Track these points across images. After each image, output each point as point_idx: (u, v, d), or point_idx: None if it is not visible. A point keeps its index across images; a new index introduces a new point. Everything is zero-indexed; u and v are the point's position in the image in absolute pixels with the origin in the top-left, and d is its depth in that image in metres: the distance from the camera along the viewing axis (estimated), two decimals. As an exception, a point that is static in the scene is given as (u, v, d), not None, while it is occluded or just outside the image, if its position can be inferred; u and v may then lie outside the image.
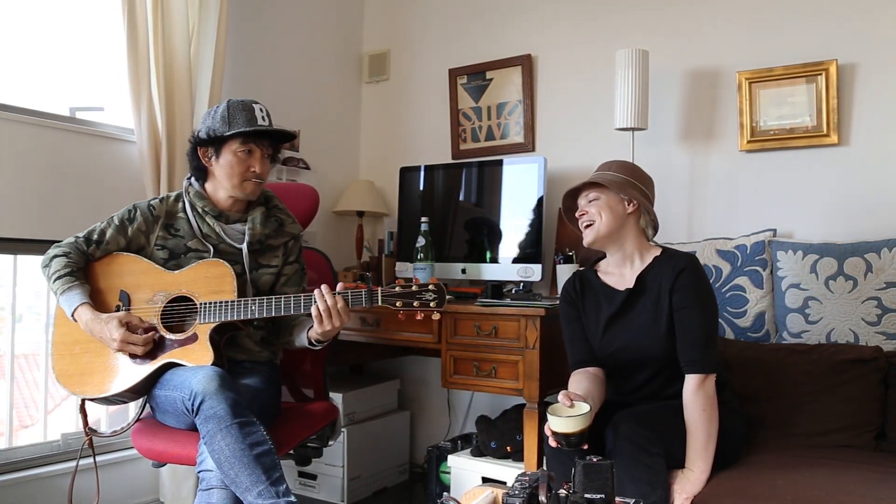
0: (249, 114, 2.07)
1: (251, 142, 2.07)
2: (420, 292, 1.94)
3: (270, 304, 1.96)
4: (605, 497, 1.40)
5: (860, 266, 2.29)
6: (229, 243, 2.11)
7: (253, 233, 2.12)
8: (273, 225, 2.20)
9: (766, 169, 2.71)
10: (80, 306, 1.95)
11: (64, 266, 1.97)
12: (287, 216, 2.26)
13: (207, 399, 1.77)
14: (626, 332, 2.00)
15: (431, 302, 1.94)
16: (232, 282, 2.00)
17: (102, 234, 2.06)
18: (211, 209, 2.11)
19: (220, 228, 2.11)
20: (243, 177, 2.08)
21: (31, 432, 2.78)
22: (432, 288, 1.95)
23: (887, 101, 2.49)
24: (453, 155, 3.44)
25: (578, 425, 1.70)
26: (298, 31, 3.46)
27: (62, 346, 2.03)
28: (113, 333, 1.91)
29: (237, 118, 2.06)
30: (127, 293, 2.04)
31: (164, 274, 2.05)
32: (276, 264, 2.18)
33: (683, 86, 2.89)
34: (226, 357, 2.03)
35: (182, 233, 2.10)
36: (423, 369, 3.51)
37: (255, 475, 1.71)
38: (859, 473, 1.80)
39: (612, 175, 2.02)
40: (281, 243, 2.21)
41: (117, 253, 2.07)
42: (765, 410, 2.20)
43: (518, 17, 3.30)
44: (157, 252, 2.09)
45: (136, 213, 2.10)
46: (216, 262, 2.04)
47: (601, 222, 2.00)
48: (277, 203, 2.27)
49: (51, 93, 2.63)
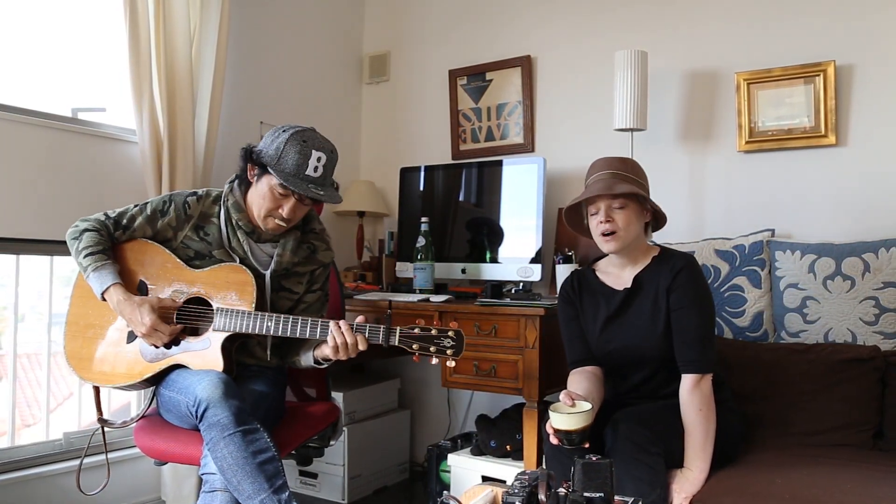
0: (303, 159, 1.93)
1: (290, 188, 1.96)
2: (439, 337, 1.87)
3: (287, 324, 1.91)
4: (604, 496, 1.41)
5: (858, 266, 2.30)
6: (254, 266, 2.04)
7: (280, 260, 2.06)
8: (304, 252, 2.13)
9: (764, 169, 2.72)
10: (112, 286, 1.92)
11: (96, 243, 1.94)
12: (321, 242, 2.18)
13: (211, 407, 1.77)
14: (623, 332, 2.01)
15: (448, 350, 1.86)
16: (252, 292, 1.96)
17: (132, 221, 2.02)
18: (245, 224, 2.04)
19: (248, 246, 2.05)
20: (269, 213, 2.00)
21: (33, 431, 2.79)
22: (451, 335, 1.87)
23: (885, 102, 2.51)
24: (453, 155, 3.45)
25: (580, 422, 1.71)
26: (299, 32, 3.47)
27: (75, 327, 2.03)
28: (144, 318, 1.89)
29: (287, 159, 1.93)
30: (146, 283, 2.02)
31: (185, 271, 2.02)
32: (299, 291, 2.13)
33: (682, 87, 2.90)
34: (235, 362, 2.02)
35: (210, 239, 2.05)
36: (424, 369, 3.52)
37: (258, 483, 1.71)
38: (857, 472, 1.81)
39: (633, 179, 1.95)
40: (308, 271, 2.15)
41: (144, 240, 2.05)
42: (763, 409, 2.21)
43: (517, 19, 3.32)
44: (183, 250, 2.06)
45: (170, 206, 2.05)
46: (240, 269, 2.00)
47: (626, 232, 1.94)
48: (315, 226, 2.18)
49: (53, 94, 2.64)
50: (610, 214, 1.94)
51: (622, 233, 1.94)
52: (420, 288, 2.88)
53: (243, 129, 3.11)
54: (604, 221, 1.94)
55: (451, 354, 1.86)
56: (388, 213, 3.56)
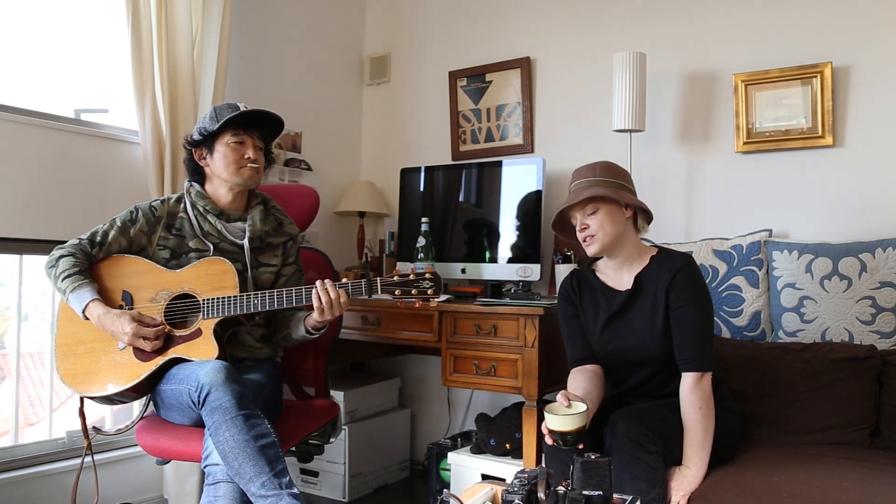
0: (234, 108, 2.13)
1: (241, 133, 2.13)
2: (417, 281, 2.00)
3: (273, 298, 2.00)
4: (603, 494, 1.42)
5: (855, 266, 2.32)
6: (231, 240, 2.15)
7: (253, 229, 2.17)
8: (272, 223, 2.25)
9: (761, 170, 2.73)
10: (91, 302, 1.97)
11: (72, 266, 2.00)
12: (284, 217, 2.31)
13: (214, 391, 1.80)
14: (623, 333, 2.02)
15: (429, 289, 2.00)
16: (233, 278, 2.04)
17: (105, 236, 2.09)
18: (212, 208, 2.16)
19: (221, 226, 2.16)
20: (239, 164, 2.13)
21: (36, 430, 2.80)
22: (429, 276, 2.01)
23: (881, 103, 2.52)
24: (453, 156, 3.47)
25: (574, 424, 1.72)
26: (301, 34, 3.49)
27: (65, 347, 2.06)
28: (125, 327, 1.94)
29: (224, 114, 2.11)
30: (130, 293, 2.06)
31: (165, 273, 2.08)
32: (276, 263, 2.23)
33: (680, 88, 2.92)
34: (229, 354, 2.06)
35: (183, 232, 2.14)
36: (424, 368, 3.54)
37: (259, 466, 1.73)
38: (854, 469, 1.82)
39: (602, 182, 2.00)
40: (280, 242, 2.26)
41: (119, 255, 2.10)
42: (761, 408, 2.22)
43: (517, 21, 3.33)
44: (160, 252, 2.12)
45: (137, 214, 2.13)
46: (217, 260, 2.08)
47: (604, 233, 1.98)
48: (275, 204, 2.32)
49: (56, 95, 2.66)
50: (584, 221, 2.01)
51: (599, 234, 1.99)
52: (420, 288, 2.89)
53: (245, 130, 3.12)
54: (580, 230, 2.02)
55: (432, 294, 2.01)
56: (389, 213, 3.58)
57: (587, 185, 2.00)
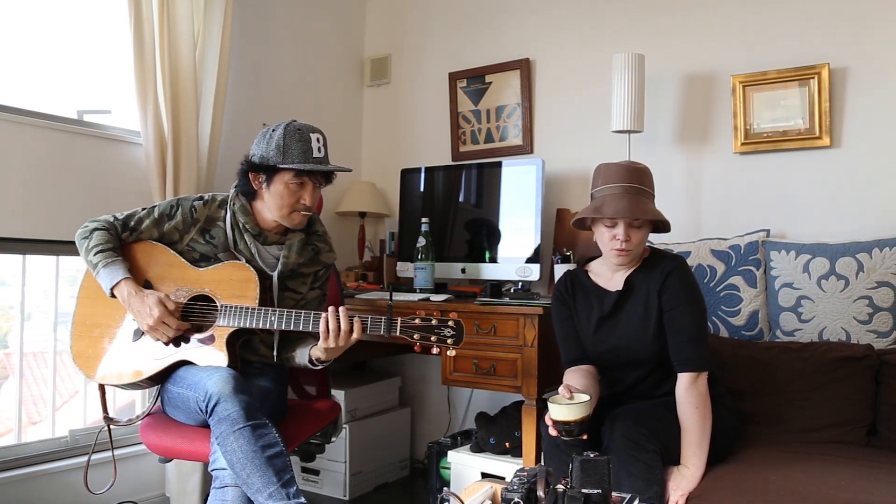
0: (305, 145, 2.02)
1: (304, 175, 2.04)
2: (439, 327, 1.91)
3: (290, 317, 1.95)
4: (601, 492, 1.43)
5: (852, 266, 2.33)
6: (261, 267, 2.08)
7: (287, 262, 2.11)
8: (309, 254, 2.18)
9: (759, 170, 2.75)
10: (123, 280, 1.96)
11: (106, 241, 1.99)
12: (325, 244, 2.23)
13: (222, 401, 1.80)
14: (615, 334, 2.03)
15: (449, 339, 1.90)
16: (255, 288, 2.00)
17: (139, 223, 2.07)
18: (252, 227, 2.09)
19: (255, 249, 2.10)
20: (292, 208, 2.06)
21: (39, 429, 2.82)
22: (451, 324, 1.91)
23: (878, 104, 2.54)
24: (453, 157, 3.48)
25: (579, 413, 1.72)
26: (301, 36, 3.50)
27: (82, 327, 2.05)
28: (153, 310, 1.93)
29: (292, 149, 2.01)
30: (151, 283, 2.05)
31: (189, 269, 2.06)
32: (303, 292, 2.18)
33: (679, 89, 2.93)
34: (239, 358, 2.05)
35: (216, 242, 2.09)
36: (424, 367, 3.55)
37: (267, 477, 1.74)
38: (851, 468, 1.83)
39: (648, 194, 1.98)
40: (312, 272, 2.20)
41: (149, 241, 2.09)
42: (758, 407, 2.23)
43: (516, 22, 3.34)
44: (189, 253, 2.09)
45: (177, 210, 2.09)
46: (243, 266, 2.04)
47: (638, 248, 1.98)
48: (318, 228, 2.24)
49: (59, 96, 2.67)
50: (628, 233, 1.95)
51: (635, 249, 1.98)
52: (420, 287, 2.91)
53: (246, 131, 3.12)
54: (622, 240, 1.95)
55: (452, 344, 1.90)
56: (389, 213, 3.59)
57: (643, 196, 1.96)
